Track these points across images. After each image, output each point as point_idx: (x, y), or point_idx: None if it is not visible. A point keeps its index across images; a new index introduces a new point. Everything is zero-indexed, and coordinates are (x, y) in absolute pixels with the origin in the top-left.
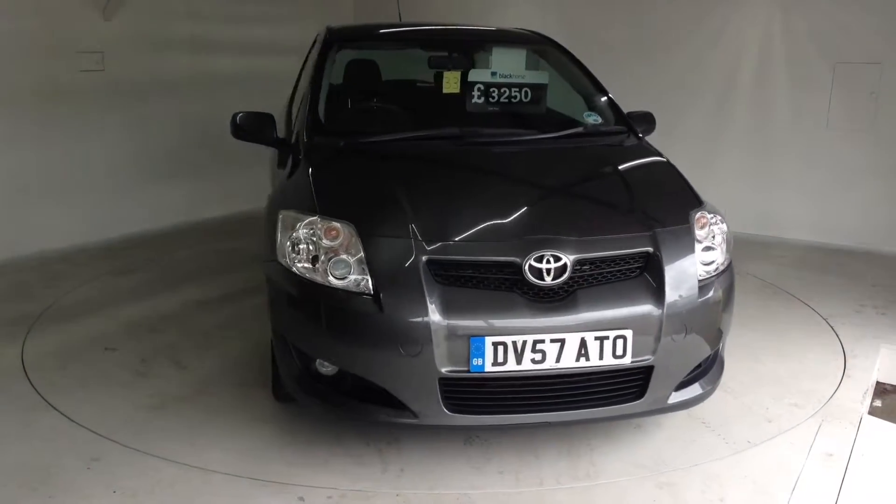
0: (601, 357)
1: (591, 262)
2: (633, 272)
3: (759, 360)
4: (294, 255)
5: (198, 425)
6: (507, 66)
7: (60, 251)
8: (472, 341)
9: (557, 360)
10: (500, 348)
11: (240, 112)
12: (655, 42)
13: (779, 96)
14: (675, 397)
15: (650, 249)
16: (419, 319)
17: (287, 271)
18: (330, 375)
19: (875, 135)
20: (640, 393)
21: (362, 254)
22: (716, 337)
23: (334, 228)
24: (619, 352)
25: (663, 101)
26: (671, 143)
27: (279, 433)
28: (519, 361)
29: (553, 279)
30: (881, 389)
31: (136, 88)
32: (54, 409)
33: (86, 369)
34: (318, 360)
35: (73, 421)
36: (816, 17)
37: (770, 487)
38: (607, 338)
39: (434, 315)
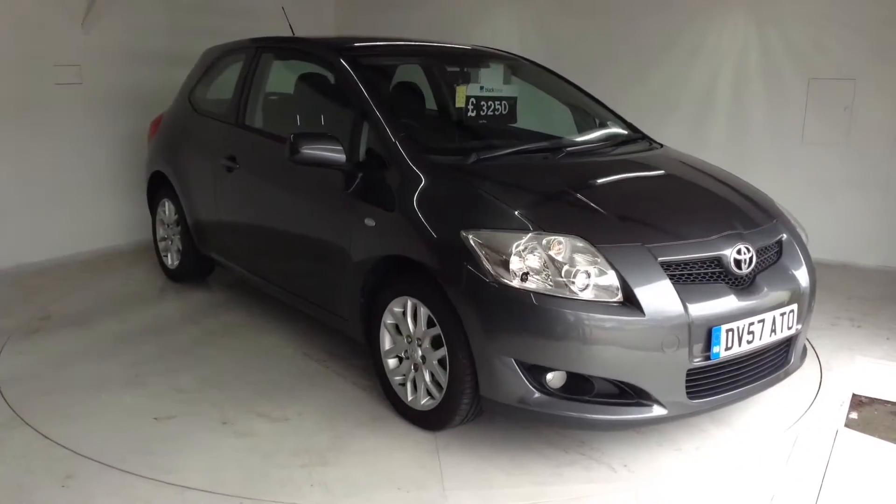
0: (782, 330)
1: (761, 250)
2: (774, 257)
3: None
4: (510, 273)
5: (381, 473)
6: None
7: (37, 265)
8: (713, 331)
9: (760, 338)
10: (730, 334)
11: (298, 133)
12: (632, 58)
13: (755, 111)
14: (800, 360)
15: (784, 236)
16: (678, 317)
17: (513, 290)
18: (556, 388)
19: (849, 149)
20: (785, 359)
21: (605, 263)
22: None
23: (559, 242)
24: (790, 324)
25: (640, 115)
26: None
27: (472, 457)
28: (740, 344)
29: (747, 268)
30: (857, 401)
31: (113, 102)
32: (28, 425)
33: (62, 385)
34: (548, 375)
35: (47, 438)
36: (791, 34)
37: (746, 500)
38: (785, 313)
39: (688, 311)
